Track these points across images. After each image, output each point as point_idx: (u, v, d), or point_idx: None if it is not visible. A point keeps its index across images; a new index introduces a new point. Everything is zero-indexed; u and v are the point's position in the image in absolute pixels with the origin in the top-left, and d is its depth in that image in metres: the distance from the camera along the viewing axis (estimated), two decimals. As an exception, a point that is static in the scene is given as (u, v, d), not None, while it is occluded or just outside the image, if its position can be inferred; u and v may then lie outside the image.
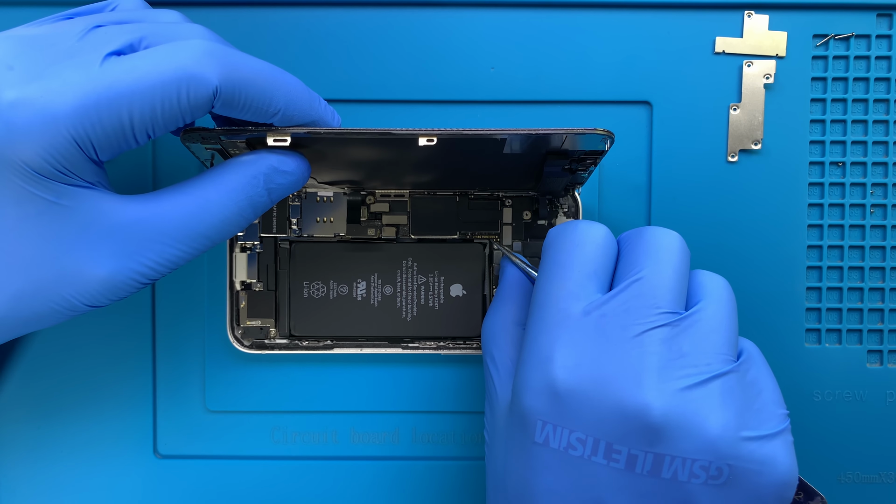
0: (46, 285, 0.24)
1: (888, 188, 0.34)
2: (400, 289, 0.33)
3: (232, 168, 0.25)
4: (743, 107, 0.34)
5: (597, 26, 0.34)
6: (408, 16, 0.34)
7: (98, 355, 0.34)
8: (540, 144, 0.27)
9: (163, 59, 0.23)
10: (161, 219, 0.24)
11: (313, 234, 0.33)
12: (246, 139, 0.26)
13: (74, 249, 0.24)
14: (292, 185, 0.26)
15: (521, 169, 0.30)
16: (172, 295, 0.34)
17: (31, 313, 0.25)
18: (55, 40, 0.24)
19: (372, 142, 0.26)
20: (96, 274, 0.24)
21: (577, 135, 0.25)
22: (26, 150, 0.22)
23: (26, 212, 0.23)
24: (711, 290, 0.26)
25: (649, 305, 0.24)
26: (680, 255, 0.26)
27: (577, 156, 0.28)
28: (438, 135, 0.25)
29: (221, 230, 0.25)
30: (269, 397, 0.35)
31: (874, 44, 0.34)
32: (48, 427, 0.35)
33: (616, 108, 0.34)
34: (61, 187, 0.23)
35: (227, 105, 0.24)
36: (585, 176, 0.30)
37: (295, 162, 0.26)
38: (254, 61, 0.25)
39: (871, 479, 0.35)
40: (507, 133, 0.25)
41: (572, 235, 0.26)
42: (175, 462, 0.35)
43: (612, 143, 0.26)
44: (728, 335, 0.25)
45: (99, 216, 0.24)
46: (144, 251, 0.24)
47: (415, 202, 0.33)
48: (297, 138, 0.25)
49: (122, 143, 0.24)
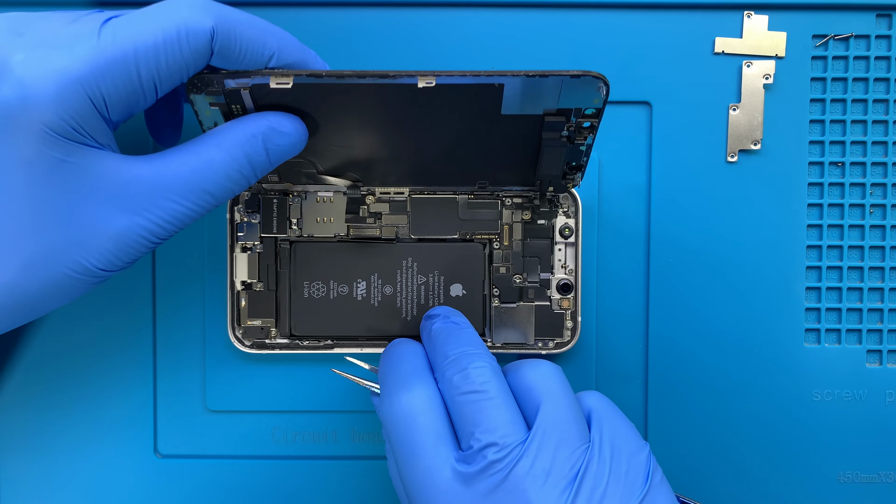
0: (58, 247, 0.25)
1: (887, 188, 0.34)
2: (400, 289, 0.33)
3: (230, 127, 0.26)
4: (742, 107, 0.34)
5: (597, 26, 0.34)
6: (408, 16, 0.34)
7: (99, 355, 0.34)
8: (536, 96, 0.27)
9: (160, 12, 0.25)
10: (167, 176, 0.25)
11: (313, 235, 0.33)
12: (250, 86, 0.26)
13: (84, 207, 0.25)
14: (290, 147, 0.27)
15: (520, 145, 0.30)
16: (173, 294, 0.34)
17: (43, 280, 0.25)
18: (54, 17, 0.25)
19: (371, 90, 0.26)
20: (107, 231, 0.25)
21: (571, 79, 0.26)
22: (42, 108, 0.23)
23: (36, 172, 0.24)
24: (541, 390, 0.27)
25: (504, 454, 0.25)
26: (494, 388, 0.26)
27: (574, 116, 0.28)
28: (437, 75, 0.26)
29: (224, 186, 0.26)
30: (270, 397, 0.35)
31: (873, 44, 0.34)
32: (48, 426, 0.35)
33: (616, 108, 0.34)
34: (72, 145, 0.24)
35: (224, 50, 0.25)
36: (584, 150, 0.30)
37: (292, 124, 0.27)
38: (244, 12, 0.26)
39: (871, 478, 0.35)
40: (504, 76, 0.26)
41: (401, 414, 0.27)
42: (175, 462, 0.35)
43: (607, 93, 0.26)
44: (572, 424, 0.26)
45: (107, 173, 0.25)
46: (152, 207, 0.25)
47: (414, 202, 0.33)
48: (299, 85, 0.26)
49: (131, 97, 0.24)
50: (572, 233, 0.33)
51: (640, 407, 0.35)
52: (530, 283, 0.33)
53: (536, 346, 0.33)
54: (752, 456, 0.35)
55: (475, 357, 0.27)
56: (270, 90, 0.26)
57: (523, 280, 0.33)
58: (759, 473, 0.35)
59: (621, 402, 0.35)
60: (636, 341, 0.35)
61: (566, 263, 0.33)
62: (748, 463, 0.35)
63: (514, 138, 0.29)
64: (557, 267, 0.33)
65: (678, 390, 0.35)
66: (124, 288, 0.34)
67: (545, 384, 0.27)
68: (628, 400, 0.35)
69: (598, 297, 0.34)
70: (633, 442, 0.26)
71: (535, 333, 0.33)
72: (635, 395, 0.35)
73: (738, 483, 0.35)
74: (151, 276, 0.34)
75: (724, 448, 0.35)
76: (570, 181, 0.32)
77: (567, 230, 0.33)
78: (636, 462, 0.26)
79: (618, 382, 0.35)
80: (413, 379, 0.27)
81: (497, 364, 0.27)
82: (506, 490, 0.25)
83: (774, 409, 0.35)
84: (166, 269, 0.34)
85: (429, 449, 0.26)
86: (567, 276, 0.33)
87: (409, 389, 0.27)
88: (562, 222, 0.33)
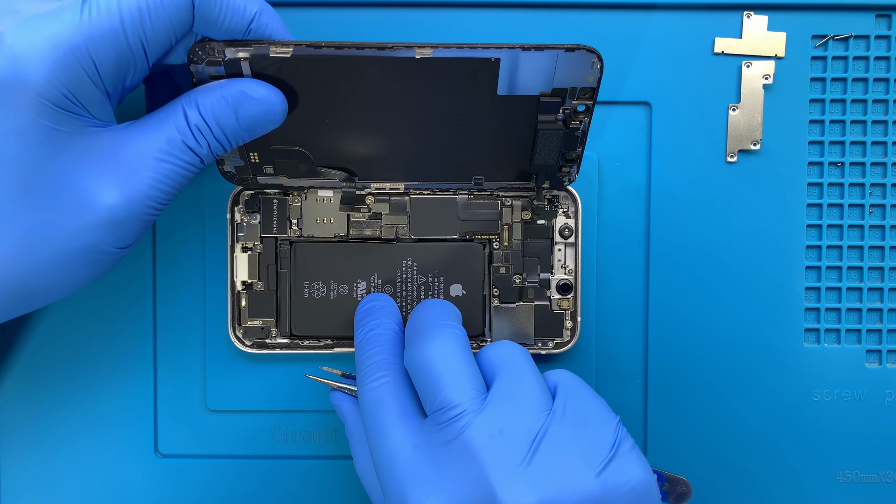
0: (54, 218, 0.25)
1: (887, 188, 0.34)
2: (400, 289, 0.33)
3: (203, 88, 0.27)
4: (742, 107, 0.34)
5: (597, 26, 0.34)
6: (408, 16, 0.34)
7: (99, 355, 0.34)
8: (531, 73, 0.27)
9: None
10: (147, 135, 0.26)
11: (313, 235, 0.33)
12: (250, 56, 0.27)
13: (78, 176, 0.25)
14: (263, 115, 0.27)
15: (516, 133, 0.30)
16: (174, 294, 0.34)
17: (40, 257, 0.25)
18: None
19: (369, 64, 0.27)
20: (102, 199, 0.25)
21: (566, 52, 0.26)
22: (33, 77, 0.23)
23: (29, 141, 0.24)
24: (500, 362, 0.27)
25: (452, 414, 0.26)
26: (458, 358, 0.27)
27: (569, 98, 0.28)
28: (434, 47, 0.26)
29: (199, 143, 0.27)
30: (270, 397, 0.35)
31: (873, 44, 0.34)
32: (49, 426, 0.35)
33: (616, 108, 0.34)
34: (64, 114, 0.24)
35: (205, 11, 0.25)
36: (579, 137, 0.30)
37: (265, 90, 0.27)
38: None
39: (870, 478, 0.35)
40: (500, 48, 0.26)
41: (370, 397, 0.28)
42: (176, 461, 0.35)
43: (601, 70, 0.27)
44: (532, 392, 0.26)
45: (96, 140, 0.25)
46: (143, 169, 0.26)
47: (414, 203, 0.33)
48: (298, 58, 0.26)
49: (122, 62, 0.25)
50: (572, 233, 0.33)
51: (640, 407, 0.35)
52: (530, 283, 0.33)
53: (536, 346, 0.34)
54: (751, 455, 0.35)
55: (443, 327, 0.28)
56: (270, 61, 0.27)
57: (523, 280, 0.33)
58: (759, 473, 0.35)
59: (621, 401, 0.35)
60: (636, 341, 0.35)
61: (566, 263, 0.33)
62: (747, 462, 0.35)
63: (509, 124, 0.29)
64: (557, 267, 0.33)
65: (678, 390, 0.35)
66: (125, 288, 0.34)
67: (506, 358, 0.27)
68: (628, 400, 0.35)
69: (597, 298, 0.35)
70: (601, 412, 0.27)
71: (534, 333, 0.33)
72: (635, 395, 0.35)
73: (738, 482, 0.35)
74: (152, 276, 0.34)
75: (723, 447, 0.35)
76: (567, 176, 0.32)
77: (567, 230, 0.33)
78: (603, 431, 0.26)
79: (618, 382, 0.35)
80: (375, 367, 0.28)
81: (466, 337, 0.28)
82: (457, 448, 0.25)
83: (774, 409, 0.35)
84: (167, 268, 0.34)
85: (396, 423, 0.27)
86: (567, 277, 0.33)
87: (372, 375, 0.28)
88: (562, 222, 0.33)
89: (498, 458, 0.25)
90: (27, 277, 0.25)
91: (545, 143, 0.30)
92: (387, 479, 0.26)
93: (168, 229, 0.34)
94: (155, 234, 0.34)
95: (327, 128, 0.30)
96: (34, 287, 0.26)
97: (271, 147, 0.30)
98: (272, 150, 0.31)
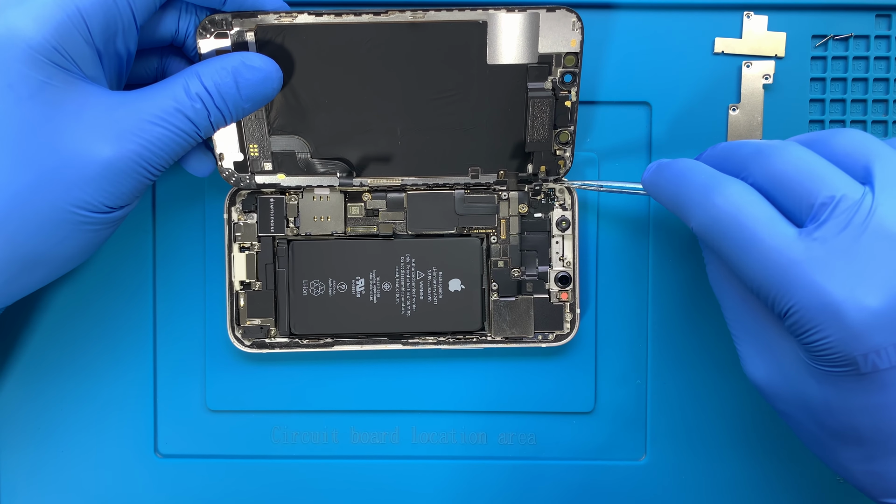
0: (48, 175, 0.25)
1: (888, 188, 0.34)
2: (398, 285, 0.33)
3: (205, 61, 0.28)
4: (742, 107, 0.34)
5: (596, 26, 0.34)
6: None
7: (98, 355, 0.35)
8: (517, 36, 0.29)
9: None
10: (145, 100, 0.27)
11: (311, 233, 0.33)
12: (256, 25, 0.29)
13: (71, 133, 0.25)
14: (263, 83, 0.28)
15: (508, 109, 0.31)
16: (173, 294, 0.35)
17: (34, 213, 0.25)
18: None
19: (366, 32, 0.29)
20: (95, 158, 0.26)
21: (547, 12, 0.29)
22: (24, 30, 0.24)
23: (21, 95, 0.25)
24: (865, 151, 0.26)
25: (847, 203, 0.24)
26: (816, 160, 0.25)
27: (555, 64, 0.30)
28: (426, 9, 0.29)
29: (199, 112, 0.27)
30: (270, 397, 0.35)
31: (873, 44, 0.34)
32: (48, 426, 0.35)
33: (616, 108, 0.34)
34: (55, 69, 0.25)
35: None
36: (570, 109, 0.31)
37: (260, 59, 0.28)
38: None
39: (873, 480, 0.34)
40: (486, 9, 0.29)
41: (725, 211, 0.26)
42: (176, 461, 0.35)
43: (583, 32, 0.30)
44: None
45: (92, 99, 0.26)
46: (138, 132, 0.26)
47: (411, 198, 0.33)
48: (298, 27, 0.29)
49: (110, 18, 0.26)
50: (569, 225, 0.33)
51: (640, 401, 0.35)
52: (528, 276, 0.33)
53: (536, 339, 0.33)
54: (752, 454, 0.35)
55: (775, 146, 0.26)
56: (274, 32, 0.29)
57: (521, 273, 0.33)
58: (759, 472, 0.35)
59: (621, 395, 0.35)
60: (637, 334, 0.35)
61: (564, 256, 0.33)
62: (748, 461, 0.35)
63: (502, 100, 0.31)
64: (555, 260, 0.33)
65: (679, 384, 0.35)
66: (124, 288, 0.34)
67: (867, 147, 0.26)
68: (628, 393, 0.35)
69: (598, 292, 0.34)
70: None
71: (534, 326, 0.33)
72: (636, 386, 0.35)
73: (738, 481, 0.35)
74: (152, 276, 0.34)
75: (724, 445, 0.35)
76: (561, 161, 0.32)
77: (564, 223, 0.33)
78: None
79: (618, 374, 0.35)
80: (718, 181, 0.26)
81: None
82: (870, 237, 0.23)
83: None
84: (166, 268, 0.34)
85: (768, 229, 0.25)
86: (565, 269, 0.33)
87: (721, 190, 0.26)
88: (558, 215, 0.33)
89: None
90: (22, 237, 0.26)
91: (536, 115, 0.31)
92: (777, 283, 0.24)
93: (168, 229, 0.34)
94: (155, 234, 0.34)
95: (324, 109, 0.31)
96: (30, 251, 0.26)
97: (270, 137, 0.31)
98: (271, 141, 0.31)
